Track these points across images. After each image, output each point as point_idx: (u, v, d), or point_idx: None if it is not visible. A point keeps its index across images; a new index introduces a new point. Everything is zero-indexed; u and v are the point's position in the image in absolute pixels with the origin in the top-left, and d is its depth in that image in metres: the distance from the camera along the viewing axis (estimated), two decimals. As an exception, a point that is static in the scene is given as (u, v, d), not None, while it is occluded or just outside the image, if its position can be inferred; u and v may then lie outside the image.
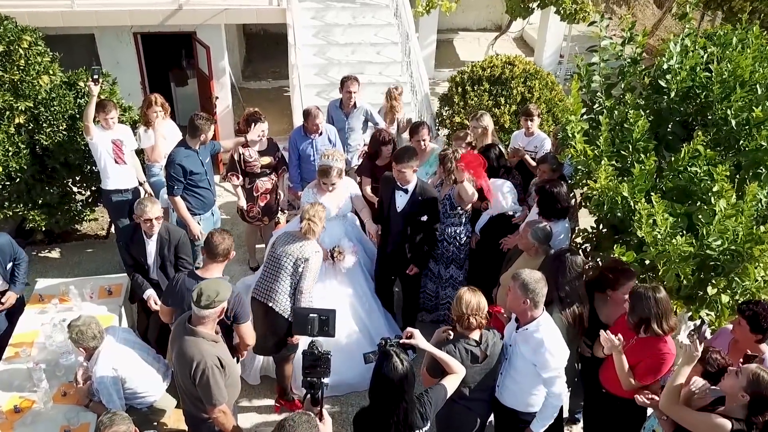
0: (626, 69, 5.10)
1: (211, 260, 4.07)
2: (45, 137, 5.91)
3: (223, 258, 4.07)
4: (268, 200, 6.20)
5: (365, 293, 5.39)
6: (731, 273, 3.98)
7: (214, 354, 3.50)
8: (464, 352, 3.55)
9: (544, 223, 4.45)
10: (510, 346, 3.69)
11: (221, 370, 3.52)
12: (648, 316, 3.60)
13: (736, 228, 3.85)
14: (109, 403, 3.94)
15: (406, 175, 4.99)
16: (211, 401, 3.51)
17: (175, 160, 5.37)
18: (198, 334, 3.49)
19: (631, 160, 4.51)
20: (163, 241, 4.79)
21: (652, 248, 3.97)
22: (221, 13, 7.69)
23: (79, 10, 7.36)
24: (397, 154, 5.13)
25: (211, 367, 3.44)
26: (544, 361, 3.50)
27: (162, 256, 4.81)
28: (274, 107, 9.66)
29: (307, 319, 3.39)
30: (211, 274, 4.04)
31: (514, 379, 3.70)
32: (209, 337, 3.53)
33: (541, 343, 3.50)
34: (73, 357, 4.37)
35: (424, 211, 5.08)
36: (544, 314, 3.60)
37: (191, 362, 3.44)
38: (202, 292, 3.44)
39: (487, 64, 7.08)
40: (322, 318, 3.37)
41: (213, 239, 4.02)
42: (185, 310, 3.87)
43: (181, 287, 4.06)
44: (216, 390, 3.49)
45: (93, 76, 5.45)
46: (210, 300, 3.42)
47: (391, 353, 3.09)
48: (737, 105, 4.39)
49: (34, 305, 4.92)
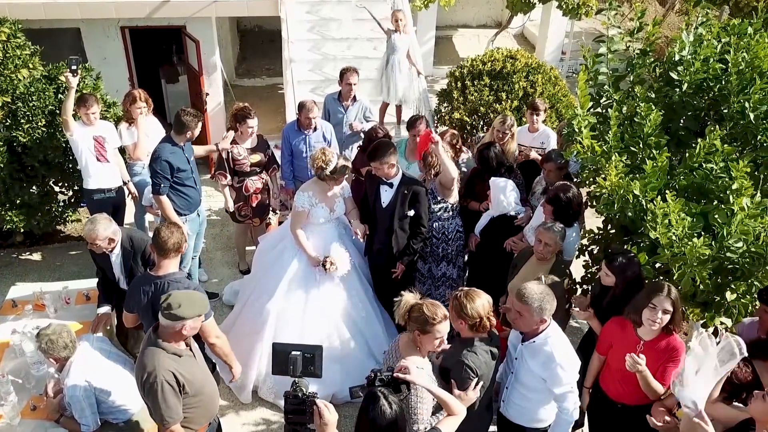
0: (635, 60, 4.83)
1: (162, 257, 3.81)
2: (23, 134, 5.63)
3: (175, 253, 3.82)
4: (259, 200, 5.95)
5: (362, 298, 5.12)
6: (751, 277, 3.70)
7: (170, 369, 3.21)
8: (486, 355, 3.27)
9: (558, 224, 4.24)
10: (516, 360, 3.41)
11: (174, 387, 3.22)
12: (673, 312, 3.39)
13: (758, 229, 3.57)
14: (81, 417, 3.67)
15: (385, 170, 4.73)
16: (159, 419, 3.24)
17: (161, 157, 5.07)
18: (159, 345, 3.23)
19: (642, 156, 4.24)
20: (126, 252, 4.37)
21: (666, 250, 3.69)
22: (211, 5, 7.41)
23: (62, 1, 7.08)
24: (370, 150, 4.86)
25: (161, 381, 3.16)
26: (555, 376, 3.24)
27: (128, 267, 4.43)
28: (267, 105, 9.43)
29: (288, 358, 2.97)
30: (165, 271, 3.82)
31: (521, 394, 3.44)
32: (171, 350, 3.25)
33: (552, 357, 3.23)
34: (45, 368, 4.09)
35: (410, 206, 4.83)
36: (552, 325, 3.32)
37: (143, 372, 3.20)
38: (168, 299, 3.18)
39: (487, 58, 6.80)
40: (307, 356, 2.95)
41: (160, 235, 3.77)
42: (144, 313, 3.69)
43: (134, 289, 3.86)
44: (164, 407, 3.20)
45: (71, 67, 5.17)
46: (170, 310, 3.15)
47: (379, 395, 2.69)
48: (756, 97, 4.11)
49: (6, 312, 4.64)
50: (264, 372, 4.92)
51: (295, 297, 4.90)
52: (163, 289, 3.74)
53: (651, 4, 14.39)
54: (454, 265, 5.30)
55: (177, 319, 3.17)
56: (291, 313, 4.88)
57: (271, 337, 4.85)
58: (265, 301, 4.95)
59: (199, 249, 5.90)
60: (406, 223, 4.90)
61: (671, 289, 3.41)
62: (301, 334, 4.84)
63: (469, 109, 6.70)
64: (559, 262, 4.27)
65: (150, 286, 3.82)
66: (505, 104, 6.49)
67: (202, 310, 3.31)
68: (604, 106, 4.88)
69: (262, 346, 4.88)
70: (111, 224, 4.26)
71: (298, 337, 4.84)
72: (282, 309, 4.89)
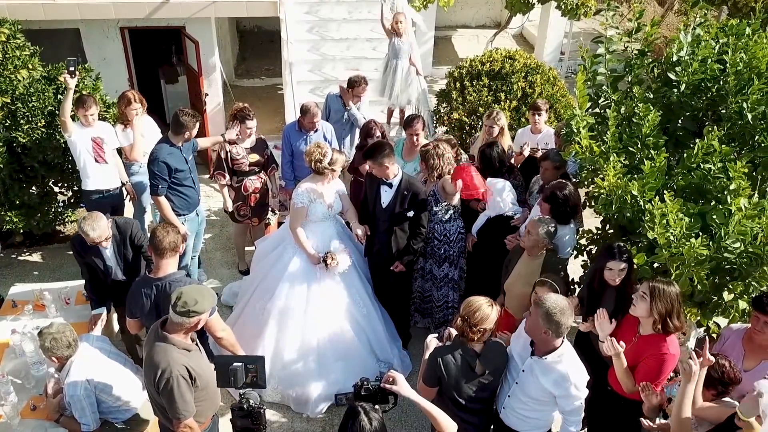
0: (634, 61, 4.84)
1: (159, 257, 3.81)
2: (22, 134, 5.63)
3: (171, 252, 3.82)
4: (258, 199, 5.95)
5: (362, 296, 5.13)
6: (749, 277, 3.71)
7: (183, 364, 3.22)
8: (459, 361, 3.29)
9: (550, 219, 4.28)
10: (523, 372, 3.37)
11: (188, 381, 3.24)
12: (670, 310, 3.40)
13: (755, 229, 3.58)
14: (82, 417, 3.68)
15: (382, 170, 4.76)
16: (175, 414, 3.24)
17: (159, 158, 5.09)
18: (169, 341, 3.23)
19: (641, 156, 4.24)
20: (116, 241, 4.40)
21: (664, 250, 3.70)
22: (210, 5, 7.41)
23: (62, 2, 7.07)
24: (367, 150, 4.89)
25: (177, 377, 3.17)
26: (569, 395, 3.24)
27: (121, 255, 4.45)
28: (266, 105, 9.43)
29: (230, 370, 3.01)
30: (164, 272, 3.82)
31: (523, 403, 3.42)
32: (181, 345, 3.26)
33: (566, 377, 3.21)
34: (45, 368, 4.10)
35: (410, 206, 4.84)
36: (565, 343, 3.28)
37: (156, 369, 3.19)
38: (180, 296, 3.17)
39: (486, 58, 6.81)
40: (249, 367, 3.00)
41: (156, 235, 3.77)
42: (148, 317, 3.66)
43: (135, 294, 3.84)
44: (180, 402, 3.22)
45: (69, 68, 5.18)
46: (186, 308, 3.15)
47: (359, 410, 2.65)
48: (753, 98, 4.11)
49: (6, 313, 4.64)
50: (266, 372, 4.91)
51: (296, 296, 4.90)
52: (165, 290, 3.75)
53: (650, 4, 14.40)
54: (455, 267, 5.30)
55: (193, 315, 3.18)
56: (293, 311, 4.88)
57: (274, 336, 4.86)
58: (267, 300, 4.96)
59: (198, 249, 5.91)
60: (405, 224, 4.91)
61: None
62: (303, 333, 4.85)
63: (468, 110, 6.71)
64: (550, 257, 4.29)
65: (151, 289, 3.81)
66: (503, 104, 6.49)
67: (213, 302, 3.35)
68: (602, 106, 4.89)
69: (264, 345, 4.88)
70: (104, 220, 4.26)
71: (300, 335, 4.86)
72: (284, 308, 4.89)
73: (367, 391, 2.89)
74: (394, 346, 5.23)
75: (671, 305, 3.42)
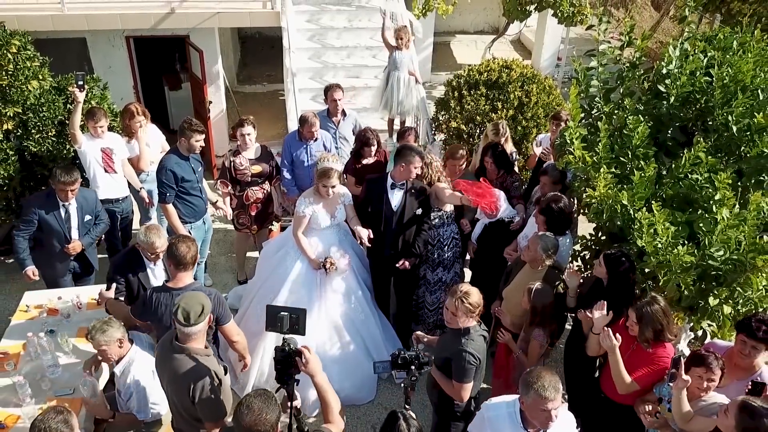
0: (625, 74, 5.01)
1: (180, 270, 3.94)
2: (34, 144, 5.80)
3: (192, 266, 3.98)
4: (259, 209, 6.08)
5: (360, 301, 5.28)
6: (733, 283, 3.88)
7: (209, 368, 3.38)
8: (481, 339, 3.60)
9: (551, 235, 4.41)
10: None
11: (218, 383, 3.40)
12: (662, 327, 3.61)
13: (739, 238, 3.76)
14: (140, 413, 3.83)
15: (408, 171, 4.95)
16: (215, 417, 3.40)
17: (167, 167, 5.28)
18: (188, 351, 3.37)
19: (631, 167, 4.42)
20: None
21: (652, 258, 3.88)
22: (214, 16, 7.57)
23: (70, 13, 7.24)
24: (397, 151, 5.09)
25: (210, 383, 3.34)
26: None
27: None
28: (268, 111, 9.57)
29: (277, 317, 3.39)
30: (184, 283, 3.94)
31: None
32: (201, 353, 3.40)
33: None
34: (60, 371, 4.25)
35: (418, 204, 5.05)
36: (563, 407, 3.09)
37: (188, 382, 3.32)
38: (187, 311, 3.31)
39: (483, 68, 6.98)
40: (293, 316, 3.38)
41: (179, 249, 3.86)
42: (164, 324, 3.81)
43: (153, 303, 3.95)
44: (219, 405, 3.39)
45: (78, 82, 5.35)
46: (197, 316, 3.31)
47: (399, 416, 2.88)
48: (738, 110, 4.29)
49: (20, 317, 4.80)
50: (266, 372, 5.06)
51: (297, 299, 5.03)
52: None
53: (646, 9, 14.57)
54: (448, 270, 5.45)
55: (200, 322, 3.32)
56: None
57: (274, 337, 4.97)
58: (269, 302, 5.10)
59: (205, 255, 6.07)
60: (414, 223, 5.09)
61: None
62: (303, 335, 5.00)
63: (465, 118, 6.87)
64: (552, 270, 4.45)
65: (171, 299, 3.91)
66: (500, 113, 6.67)
67: (210, 303, 3.48)
68: (595, 117, 5.05)
69: (264, 346, 5.04)
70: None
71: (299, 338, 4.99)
72: (284, 309, 5.05)
73: (403, 360, 3.27)
74: (393, 349, 5.36)
75: (659, 325, 3.60)
